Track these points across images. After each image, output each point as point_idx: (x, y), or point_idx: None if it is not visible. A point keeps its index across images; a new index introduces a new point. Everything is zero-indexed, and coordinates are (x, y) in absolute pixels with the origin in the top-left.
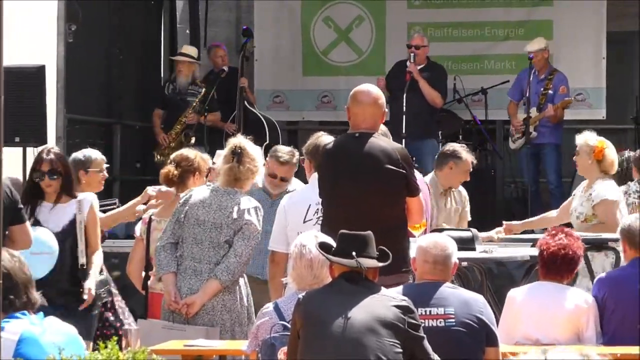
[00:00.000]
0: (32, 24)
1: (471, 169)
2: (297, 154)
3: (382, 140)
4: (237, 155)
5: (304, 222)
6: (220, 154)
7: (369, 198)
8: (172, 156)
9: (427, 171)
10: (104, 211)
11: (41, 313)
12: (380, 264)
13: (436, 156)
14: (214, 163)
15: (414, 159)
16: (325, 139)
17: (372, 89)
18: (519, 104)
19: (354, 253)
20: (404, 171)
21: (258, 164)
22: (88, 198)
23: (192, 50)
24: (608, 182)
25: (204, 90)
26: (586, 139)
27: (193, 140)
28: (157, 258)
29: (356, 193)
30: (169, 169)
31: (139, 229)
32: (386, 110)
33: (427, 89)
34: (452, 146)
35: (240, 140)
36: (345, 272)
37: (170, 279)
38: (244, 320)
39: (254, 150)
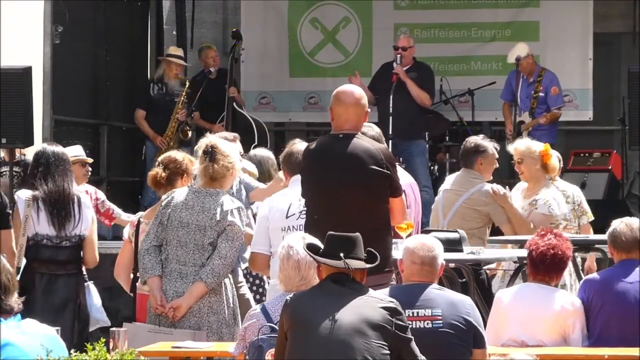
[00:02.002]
0: (18, 25)
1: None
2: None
3: (366, 140)
4: (209, 154)
5: (287, 217)
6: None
7: (354, 198)
8: (159, 158)
9: (416, 171)
10: None
11: (18, 316)
12: (368, 266)
13: (460, 154)
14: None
15: (400, 159)
16: (300, 146)
17: (355, 89)
18: (512, 105)
19: (341, 254)
20: (387, 172)
21: (233, 160)
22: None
23: (180, 51)
24: (555, 194)
25: (188, 83)
26: (528, 145)
27: (190, 134)
28: (141, 262)
29: (340, 194)
30: (157, 171)
31: (126, 231)
32: (369, 110)
33: (416, 90)
34: (472, 141)
35: (210, 138)
36: (333, 274)
37: (156, 283)
38: (230, 322)
39: (227, 147)
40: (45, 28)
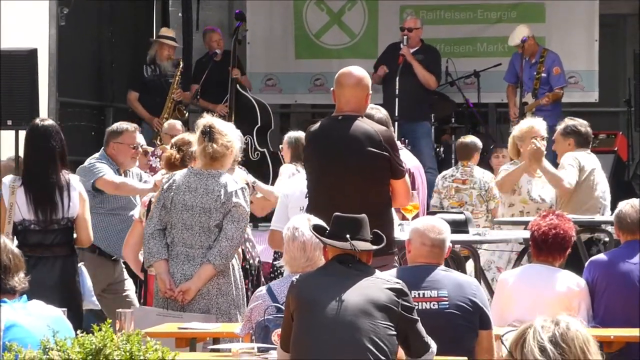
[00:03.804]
0: (24, 8)
1: None
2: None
3: (366, 122)
4: (208, 134)
5: (306, 197)
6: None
7: (353, 180)
8: (173, 140)
9: (422, 153)
10: None
11: (24, 296)
12: (374, 247)
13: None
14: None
15: (406, 141)
16: None
17: (355, 71)
18: (517, 86)
19: (348, 236)
20: (386, 153)
21: (231, 138)
22: None
23: (172, 32)
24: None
25: (181, 63)
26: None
27: (187, 114)
28: (146, 246)
29: (340, 176)
30: (171, 153)
31: (137, 211)
32: (370, 92)
33: (422, 72)
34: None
35: (207, 119)
36: (339, 255)
37: (163, 267)
38: (239, 303)
39: (224, 126)
40: (51, 10)
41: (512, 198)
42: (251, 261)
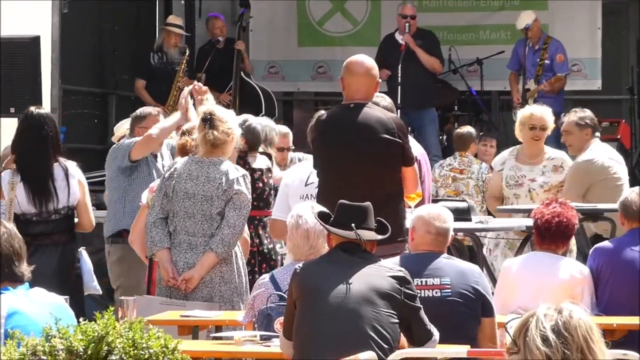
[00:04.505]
0: None
1: None
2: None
3: (377, 110)
4: (208, 121)
5: (306, 185)
6: (121, 124)
7: (366, 168)
8: (184, 127)
9: (427, 140)
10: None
11: (26, 284)
12: (379, 237)
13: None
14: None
15: (410, 129)
16: None
17: (366, 59)
18: (520, 74)
19: (353, 225)
20: (400, 140)
21: (232, 126)
22: None
23: (179, 20)
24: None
25: (187, 52)
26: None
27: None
28: (148, 235)
29: (353, 163)
30: (186, 139)
31: (145, 196)
32: (379, 80)
33: (425, 57)
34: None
35: (208, 106)
36: (342, 243)
37: (165, 255)
38: (242, 290)
39: (225, 113)
40: None
41: (516, 189)
42: (271, 245)
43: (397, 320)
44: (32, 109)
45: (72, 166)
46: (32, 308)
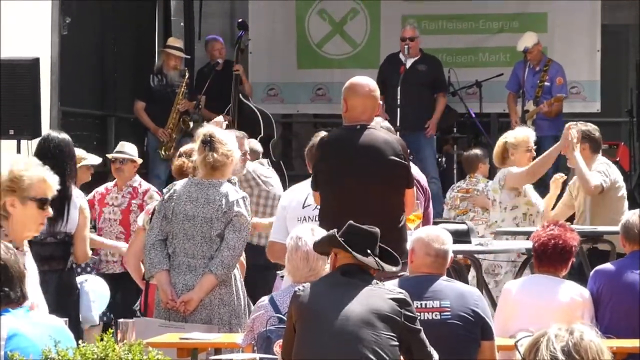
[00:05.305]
0: (26, 16)
1: None
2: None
3: (383, 131)
4: (208, 143)
5: (303, 207)
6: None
7: (375, 190)
8: (181, 149)
9: (425, 162)
10: None
11: (26, 306)
12: (395, 269)
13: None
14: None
15: (409, 151)
16: None
17: (369, 81)
18: (519, 95)
19: (368, 251)
20: (405, 162)
21: (231, 148)
22: None
23: (179, 43)
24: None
25: (187, 74)
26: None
27: (192, 124)
28: (147, 257)
29: (361, 185)
30: (183, 161)
31: (141, 219)
32: (381, 102)
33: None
34: None
35: (208, 128)
36: (344, 265)
37: (164, 277)
38: (240, 313)
39: (225, 135)
40: (54, 19)
41: (516, 200)
42: None
43: (397, 343)
44: (53, 132)
45: (77, 193)
46: (32, 330)
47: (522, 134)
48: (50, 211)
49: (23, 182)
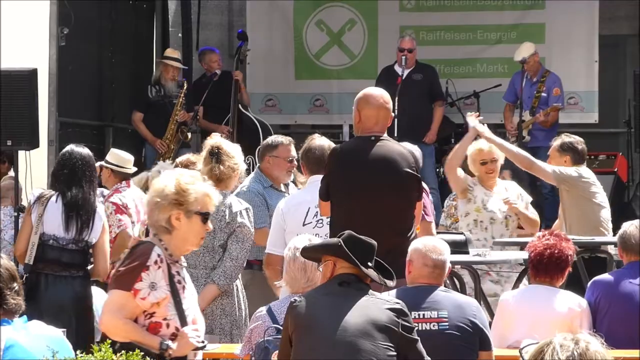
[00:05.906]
0: (24, 27)
1: None
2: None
3: (396, 143)
4: (215, 155)
5: (304, 224)
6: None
7: (389, 201)
8: (178, 160)
9: (424, 173)
10: None
11: (24, 317)
12: (392, 284)
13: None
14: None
15: None
16: (319, 141)
17: (383, 92)
18: (516, 106)
19: (369, 263)
20: (418, 174)
21: (238, 161)
22: None
23: (177, 54)
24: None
25: (185, 85)
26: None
27: (190, 135)
28: None
29: (377, 196)
30: None
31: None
32: (392, 114)
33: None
34: None
35: (215, 140)
36: (340, 274)
37: None
38: (242, 324)
39: (232, 148)
40: (51, 30)
41: (467, 207)
42: None
43: (394, 353)
44: (75, 146)
45: (102, 209)
46: (30, 341)
47: (472, 148)
48: (210, 226)
49: (190, 195)
